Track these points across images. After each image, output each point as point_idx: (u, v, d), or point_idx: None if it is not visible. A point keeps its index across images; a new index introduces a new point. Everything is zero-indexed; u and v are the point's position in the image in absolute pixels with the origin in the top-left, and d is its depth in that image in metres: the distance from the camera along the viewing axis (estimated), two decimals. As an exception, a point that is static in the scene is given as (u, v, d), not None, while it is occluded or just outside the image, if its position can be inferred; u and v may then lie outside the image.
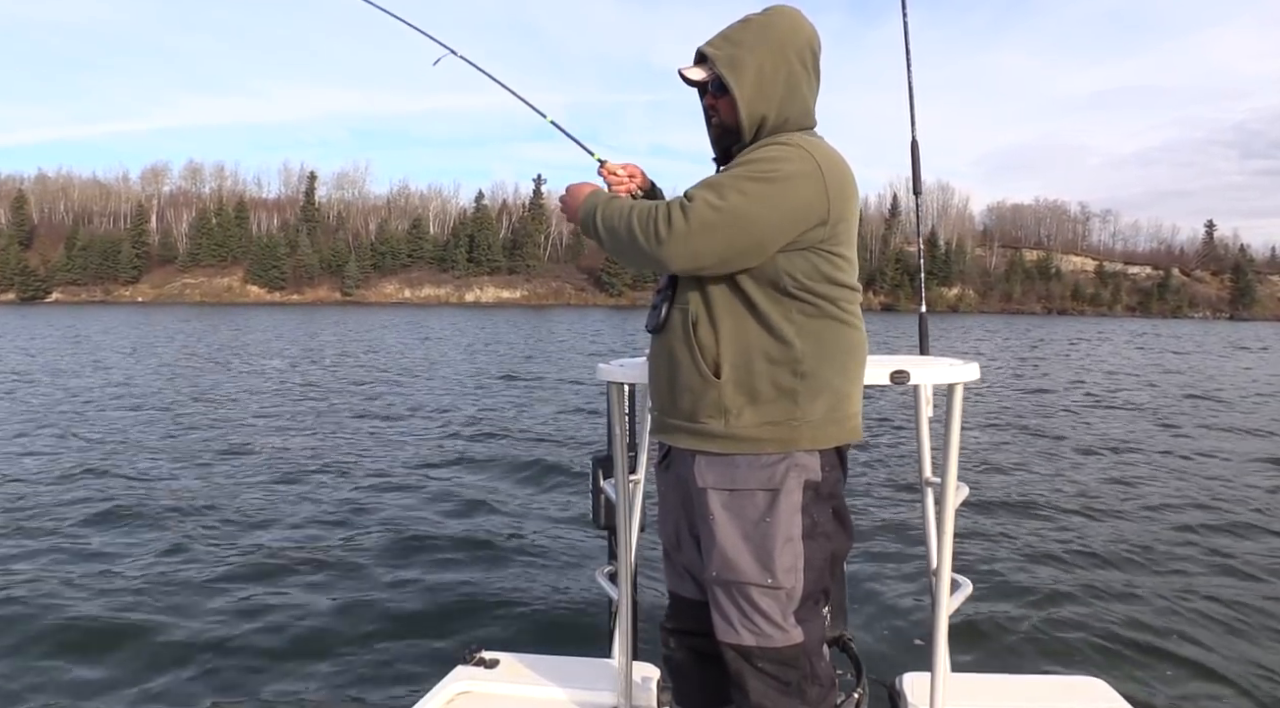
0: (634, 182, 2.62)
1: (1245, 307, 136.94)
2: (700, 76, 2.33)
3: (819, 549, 2.28)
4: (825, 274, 2.24)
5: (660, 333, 2.38)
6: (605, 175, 2.62)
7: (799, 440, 2.24)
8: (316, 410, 16.16)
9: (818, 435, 2.26)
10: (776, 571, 2.22)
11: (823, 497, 2.28)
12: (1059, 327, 77.90)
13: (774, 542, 2.22)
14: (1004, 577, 6.58)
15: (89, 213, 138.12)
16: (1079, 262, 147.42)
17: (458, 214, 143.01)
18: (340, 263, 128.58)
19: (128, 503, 8.68)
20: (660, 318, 2.37)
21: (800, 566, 2.24)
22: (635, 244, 2.21)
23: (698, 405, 2.28)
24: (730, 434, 2.25)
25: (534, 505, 8.91)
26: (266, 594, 6.18)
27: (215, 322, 57.89)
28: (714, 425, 2.26)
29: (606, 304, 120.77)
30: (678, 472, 2.43)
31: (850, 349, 2.30)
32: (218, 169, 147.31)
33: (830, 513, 2.32)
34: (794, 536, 2.23)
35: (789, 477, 2.23)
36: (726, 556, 2.25)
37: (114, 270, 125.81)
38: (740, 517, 2.25)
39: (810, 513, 2.25)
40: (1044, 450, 12.54)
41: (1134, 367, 31.13)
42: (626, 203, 2.30)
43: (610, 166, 2.63)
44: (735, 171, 2.19)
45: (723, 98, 2.31)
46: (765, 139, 2.28)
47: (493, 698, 3.03)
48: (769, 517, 2.23)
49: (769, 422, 2.23)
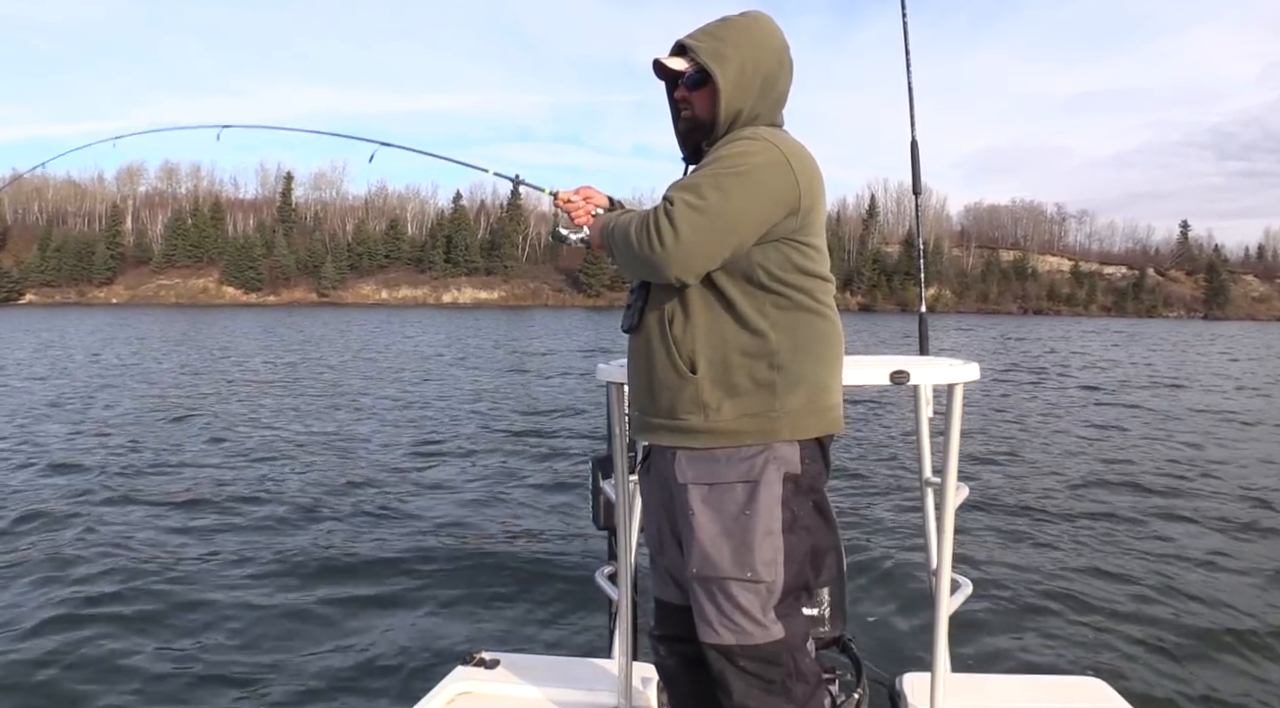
0: (590, 203, 2.62)
1: (1219, 306, 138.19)
2: (681, 66, 2.32)
3: (799, 543, 2.26)
4: (797, 265, 2.25)
5: (636, 332, 2.38)
6: (562, 205, 2.63)
7: (779, 431, 2.23)
8: (314, 413, 16.12)
9: (797, 426, 2.25)
10: (756, 564, 2.20)
11: (803, 490, 2.27)
12: (1035, 326, 78.36)
13: (754, 535, 2.20)
14: (1004, 577, 6.59)
15: (63, 213, 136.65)
16: (1055, 262, 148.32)
17: (435, 215, 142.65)
18: (317, 264, 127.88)
19: (129, 502, 8.68)
20: (635, 318, 2.37)
21: (780, 559, 2.22)
22: (634, 256, 2.21)
23: (676, 402, 2.28)
24: (710, 428, 2.24)
25: (534, 506, 8.91)
26: (265, 595, 6.17)
27: (196, 324, 57.42)
28: (693, 421, 2.26)
29: (584, 305, 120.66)
30: (659, 472, 2.42)
31: (826, 339, 2.31)
32: (194, 169, 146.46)
33: (811, 506, 2.31)
34: (774, 529, 2.22)
35: (768, 468, 2.22)
36: (705, 550, 2.23)
37: (88, 272, 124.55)
38: (720, 511, 2.24)
39: (790, 506, 2.24)
40: (1043, 450, 12.60)
41: (1123, 363, 31.33)
42: (626, 216, 2.30)
43: (563, 195, 2.65)
44: (707, 170, 2.19)
45: (697, 91, 2.32)
46: (731, 134, 2.29)
47: (493, 698, 3.02)
48: (748, 510, 2.21)
49: (748, 413, 2.23)
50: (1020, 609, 6.00)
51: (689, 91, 2.34)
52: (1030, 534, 7.83)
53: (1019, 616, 5.89)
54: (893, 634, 5.44)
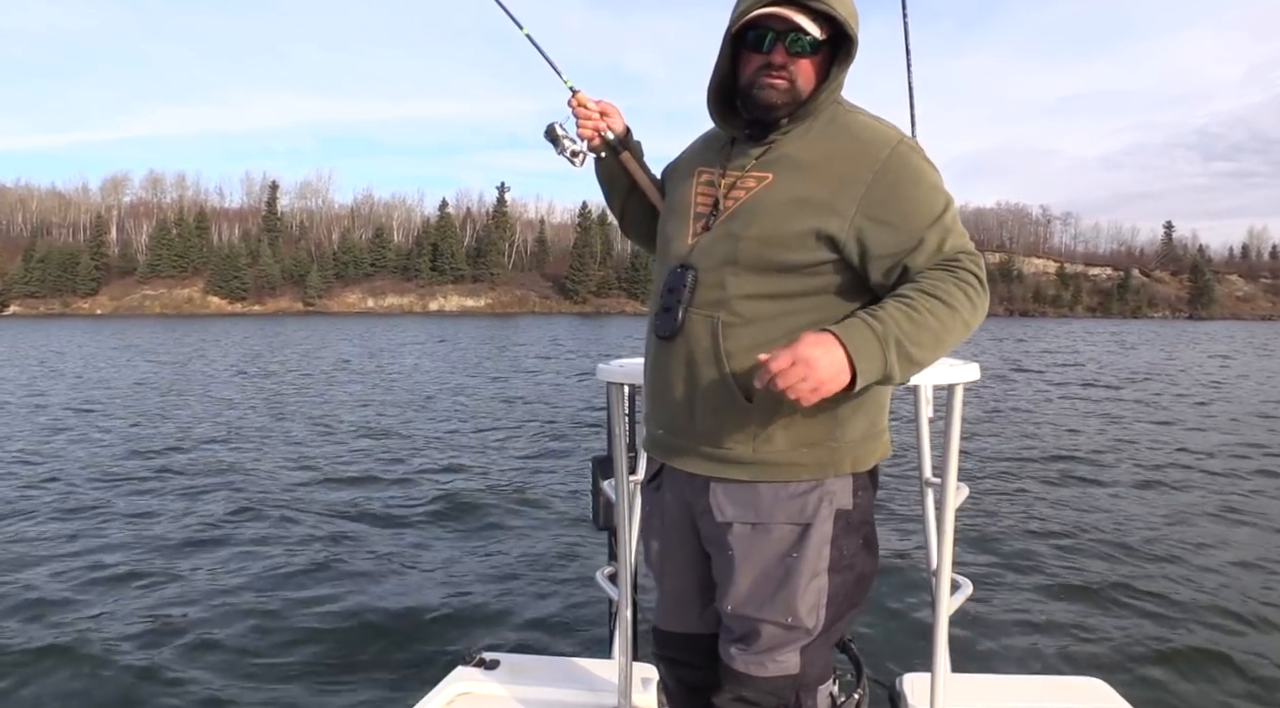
0: (605, 120, 2.28)
1: (1204, 306, 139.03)
2: (818, 31, 1.87)
3: (843, 583, 2.01)
4: None
5: (673, 340, 2.00)
6: (574, 107, 2.29)
7: (839, 464, 1.96)
8: (308, 416, 16.09)
9: (859, 457, 1.99)
10: (799, 610, 1.96)
11: (853, 526, 2.01)
12: (1022, 328, 78.56)
13: (799, 580, 1.95)
14: (1004, 577, 6.59)
15: (48, 224, 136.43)
16: (1040, 264, 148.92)
17: (422, 222, 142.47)
18: (302, 273, 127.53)
19: (129, 501, 8.72)
20: (676, 323, 1.98)
21: (824, 602, 1.98)
22: (969, 328, 1.83)
23: (722, 428, 1.96)
24: (758, 460, 1.95)
25: (534, 506, 8.90)
26: (265, 595, 6.15)
27: (181, 334, 57.19)
28: (740, 450, 1.95)
29: (571, 311, 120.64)
30: (678, 495, 2.14)
31: None
32: (179, 179, 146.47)
33: (860, 542, 2.03)
34: (820, 569, 1.97)
35: (821, 507, 1.95)
36: (745, 592, 1.99)
37: (72, 283, 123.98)
38: (762, 553, 1.98)
39: (839, 545, 1.98)
40: (1043, 449, 12.57)
41: (1119, 365, 31.42)
42: (926, 318, 1.76)
43: (581, 98, 2.28)
44: (933, 200, 1.88)
45: (805, 59, 1.90)
46: (846, 110, 1.98)
47: (493, 699, 3.01)
48: (795, 552, 1.96)
49: (805, 444, 1.93)
50: (1020, 609, 5.99)
51: (791, 58, 1.90)
52: (1030, 534, 7.80)
53: (1019, 616, 5.87)
54: (893, 634, 5.41)
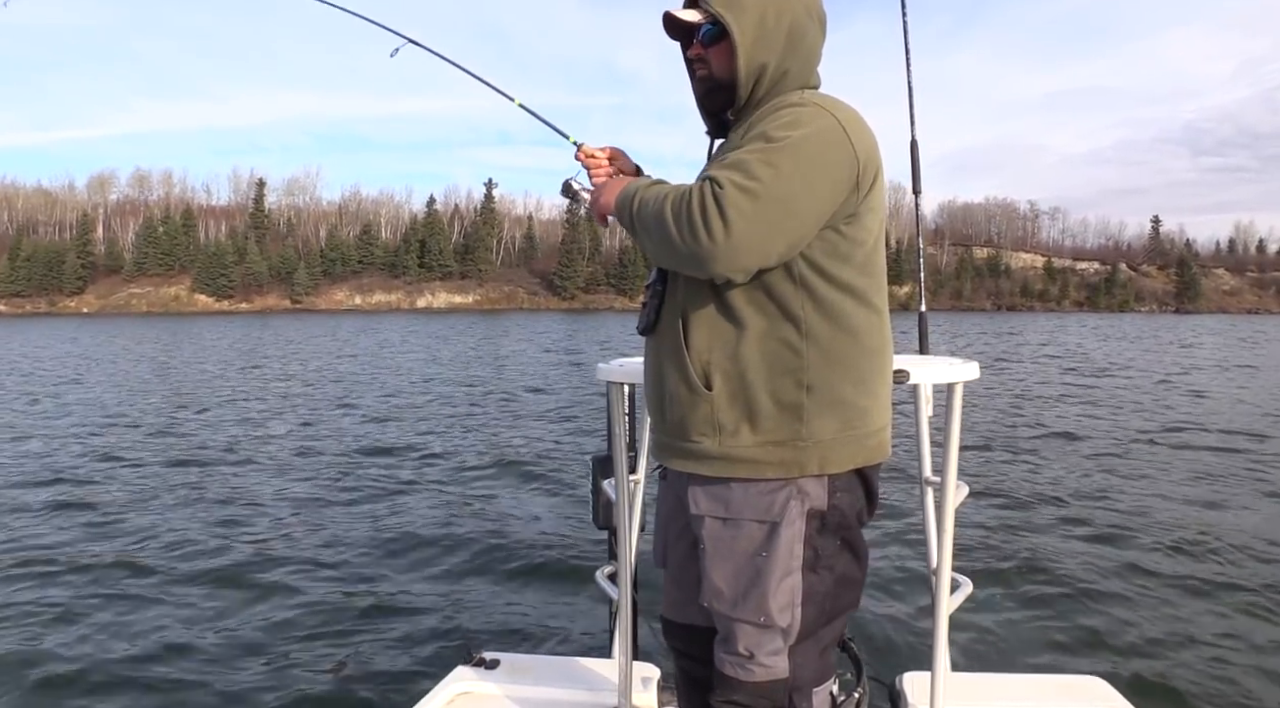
0: (615, 164, 2.31)
1: (1190, 300, 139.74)
2: (694, 18, 1.99)
3: (820, 582, 1.98)
4: (845, 255, 1.93)
5: (651, 335, 2.09)
6: (583, 159, 2.31)
7: (806, 464, 1.93)
8: (305, 415, 16.02)
9: (828, 458, 1.94)
10: (771, 609, 1.94)
11: (830, 527, 1.98)
12: (1010, 323, 78.78)
13: (769, 579, 1.94)
14: (1004, 576, 6.54)
15: (33, 222, 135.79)
16: (1028, 259, 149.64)
17: (409, 219, 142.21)
18: (290, 270, 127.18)
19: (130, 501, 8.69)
20: (651, 318, 2.06)
21: (798, 601, 1.95)
22: (669, 244, 1.83)
23: (686, 420, 1.99)
24: (725, 455, 1.95)
25: (533, 506, 8.86)
26: (265, 596, 6.13)
27: (176, 336, 56.97)
28: (706, 444, 1.97)
29: (559, 308, 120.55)
30: (674, 487, 2.20)
31: (870, 352, 1.98)
32: (165, 176, 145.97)
33: (838, 544, 2.00)
34: (793, 568, 1.94)
35: (789, 507, 1.93)
36: (717, 587, 1.99)
37: (58, 281, 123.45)
38: (733, 549, 1.97)
39: (813, 545, 1.96)
40: (1042, 447, 12.53)
41: (1117, 359, 31.49)
42: (658, 190, 1.90)
43: (588, 149, 2.32)
44: (751, 145, 1.82)
45: (714, 47, 1.99)
46: (772, 102, 1.97)
47: (493, 698, 3.00)
48: (765, 551, 1.94)
49: (770, 441, 1.93)
50: (1020, 609, 5.96)
51: (704, 48, 2.01)
52: (1031, 533, 7.76)
53: (1019, 615, 5.84)
54: (893, 634, 5.38)
